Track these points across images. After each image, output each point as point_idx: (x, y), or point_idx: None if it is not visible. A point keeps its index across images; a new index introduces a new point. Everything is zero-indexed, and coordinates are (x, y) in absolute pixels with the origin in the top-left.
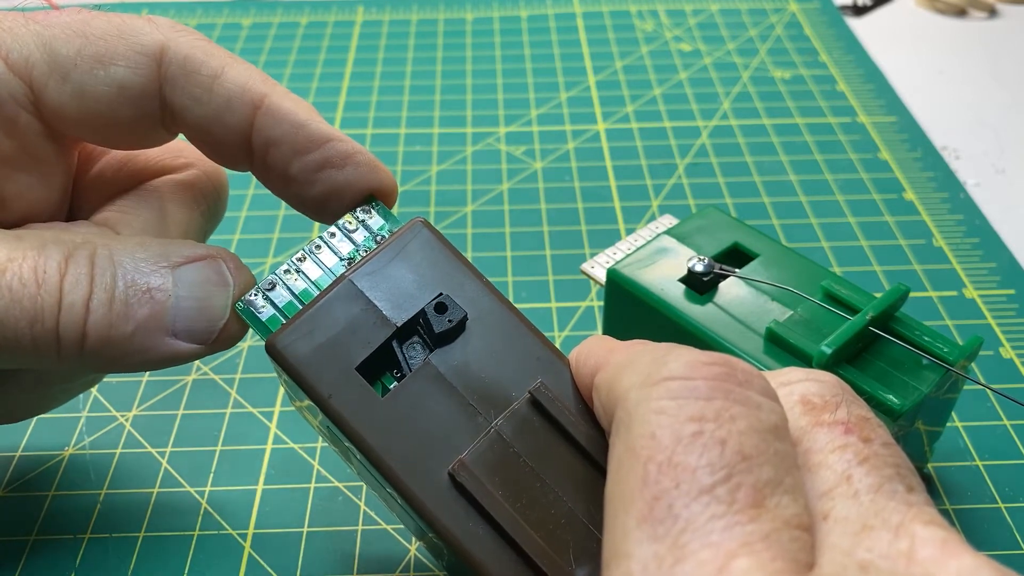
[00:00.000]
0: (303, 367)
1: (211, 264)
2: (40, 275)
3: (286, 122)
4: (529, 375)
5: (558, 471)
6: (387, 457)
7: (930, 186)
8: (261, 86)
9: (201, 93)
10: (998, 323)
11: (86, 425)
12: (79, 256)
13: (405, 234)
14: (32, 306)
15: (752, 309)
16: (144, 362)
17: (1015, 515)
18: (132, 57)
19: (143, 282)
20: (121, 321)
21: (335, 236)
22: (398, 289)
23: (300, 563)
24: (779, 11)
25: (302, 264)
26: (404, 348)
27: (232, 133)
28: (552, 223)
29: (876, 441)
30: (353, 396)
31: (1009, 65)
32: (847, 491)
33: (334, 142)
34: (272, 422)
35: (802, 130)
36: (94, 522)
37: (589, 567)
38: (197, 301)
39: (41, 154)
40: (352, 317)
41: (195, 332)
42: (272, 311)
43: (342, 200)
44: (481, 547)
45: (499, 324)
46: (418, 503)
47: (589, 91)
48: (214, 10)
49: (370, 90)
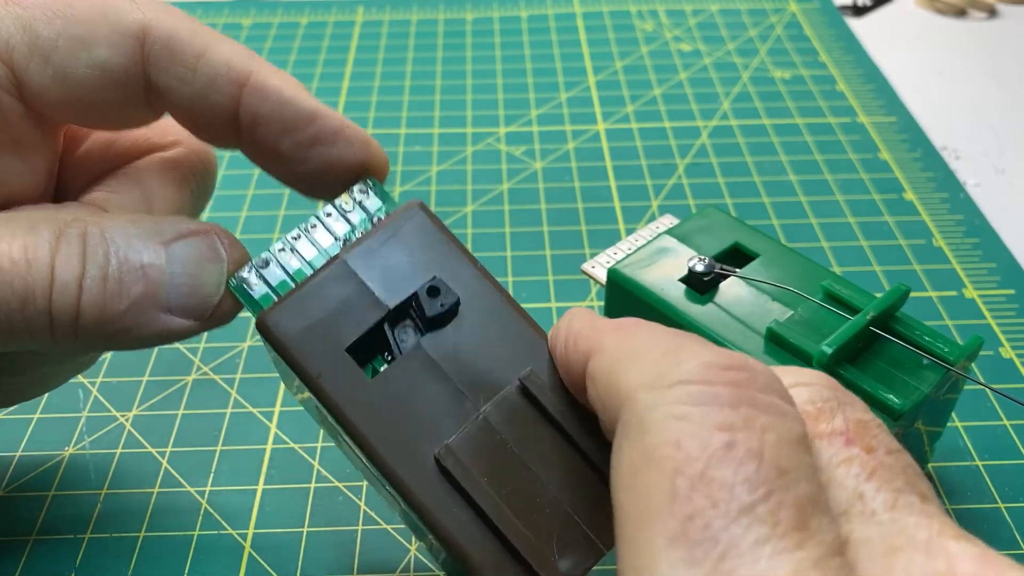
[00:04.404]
0: (293, 346)
1: (204, 239)
2: (30, 254)
3: (273, 99)
4: (520, 362)
5: (545, 460)
6: (374, 439)
7: (930, 186)
8: (247, 63)
9: (185, 73)
10: (998, 323)
11: (86, 425)
12: (70, 234)
13: (401, 216)
14: (23, 286)
15: (752, 309)
16: (138, 339)
17: (1015, 515)
18: (114, 39)
19: (136, 259)
20: (115, 299)
21: (331, 216)
22: (392, 271)
23: (300, 563)
24: (779, 11)
25: (297, 243)
26: (396, 331)
27: (219, 112)
28: (552, 223)
29: (880, 449)
30: (342, 377)
31: (1009, 65)
32: (863, 510)
33: (323, 118)
34: (272, 422)
35: (802, 130)
36: (94, 522)
37: (572, 558)
38: (191, 277)
39: (24, 137)
40: (344, 298)
41: (189, 308)
42: (265, 289)
43: (335, 176)
44: (465, 533)
45: (492, 310)
46: (403, 487)
47: (589, 91)
48: (214, 10)
49: (370, 90)
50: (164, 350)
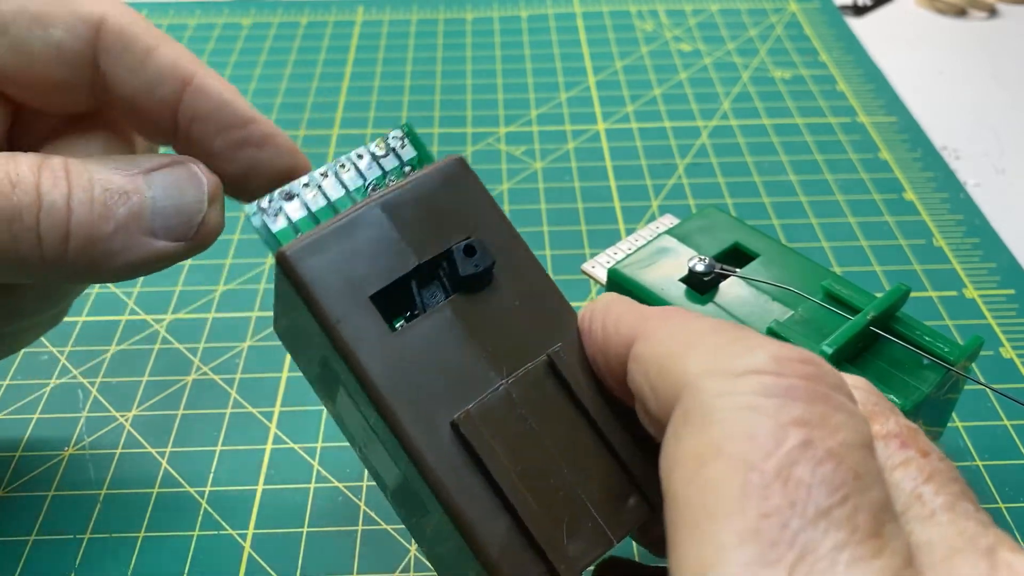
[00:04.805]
0: (315, 285)
1: (181, 166)
2: (13, 176)
3: (213, 100)
4: (549, 337)
5: (563, 442)
6: (389, 396)
7: (930, 186)
8: (192, 65)
9: (135, 64)
10: (998, 323)
11: (86, 425)
12: (52, 162)
13: (441, 169)
14: (8, 206)
15: (753, 309)
16: (127, 264)
17: (1015, 515)
18: (72, 21)
19: (118, 182)
20: (102, 221)
21: (363, 159)
22: (426, 224)
23: (300, 563)
24: (779, 11)
25: (324, 181)
26: (422, 291)
27: (161, 105)
28: (552, 223)
29: (933, 455)
30: (363, 325)
31: (1009, 65)
32: (921, 512)
33: (257, 123)
34: (272, 422)
35: (802, 130)
36: (94, 522)
37: (581, 545)
38: (173, 199)
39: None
40: (373, 244)
41: (174, 229)
42: (285, 223)
43: (259, 178)
44: (474, 505)
45: (527, 278)
46: (415, 450)
47: (589, 91)
48: (214, 10)
49: (370, 90)
50: (164, 350)
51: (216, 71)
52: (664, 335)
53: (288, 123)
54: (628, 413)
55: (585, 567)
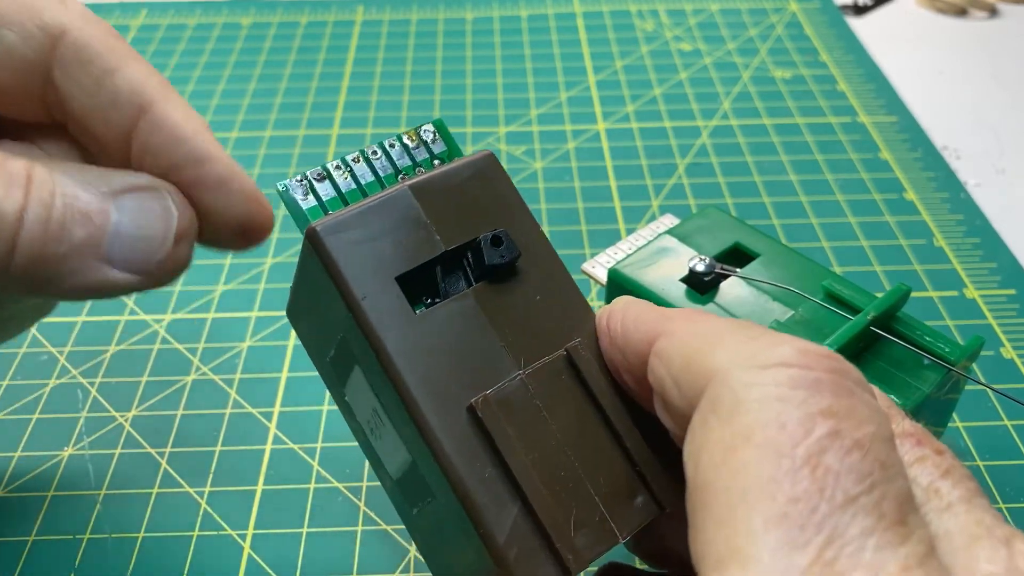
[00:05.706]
0: (342, 262)
1: (155, 195)
2: None
3: (167, 133)
4: (567, 332)
5: (575, 435)
6: (408, 376)
7: (931, 186)
8: (153, 92)
9: (90, 84)
10: (999, 323)
11: (85, 425)
12: (14, 165)
13: (472, 162)
14: None
15: (753, 309)
16: (75, 288)
17: (1015, 515)
18: (29, 27)
19: (82, 204)
20: (55, 241)
21: (394, 148)
22: (454, 213)
23: (300, 563)
24: (779, 11)
25: (355, 165)
26: (446, 278)
27: (113, 131)
28: (552, 223)
29: (947, 454)
30: (387, 304)
31: (1009, 65)
32: (939, 504)
33: (213, 163)
34: (272, 422)
35: (802, 130)
36: (94, 522)
37: (587, 539)
38: (137, 230)
39: None
40: (402, 227)
41: (131, 262)
42: (315, 202)
43: (212, 225)
44: (484, 490)
45: (549, 273)
46: (429, 431)
47: (589, 91)
48: (214, 10)
49: (370, 90)
50: (163, 350)
51: (210, 79)
52: (688, 332)
53: (288, 123)
54: (641, 414)
55: (590, 561)
